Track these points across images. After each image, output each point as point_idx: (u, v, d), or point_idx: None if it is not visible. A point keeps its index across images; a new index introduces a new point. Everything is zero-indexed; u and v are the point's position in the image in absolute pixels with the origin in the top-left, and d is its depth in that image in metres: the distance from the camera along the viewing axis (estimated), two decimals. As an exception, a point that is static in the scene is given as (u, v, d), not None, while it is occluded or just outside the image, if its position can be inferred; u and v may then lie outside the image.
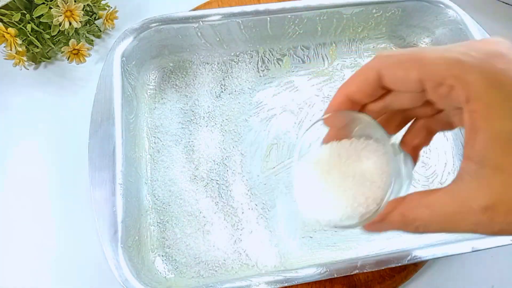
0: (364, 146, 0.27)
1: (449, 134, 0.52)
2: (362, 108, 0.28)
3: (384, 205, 0.24)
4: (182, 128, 0.51)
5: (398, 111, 0.29)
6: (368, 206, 0.25)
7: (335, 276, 0.38)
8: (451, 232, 0.23)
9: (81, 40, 0.54)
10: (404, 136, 0.30)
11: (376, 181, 0.25)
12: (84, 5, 0.51)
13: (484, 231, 0.21)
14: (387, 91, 0.26)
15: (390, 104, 0.27)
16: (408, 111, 0.28)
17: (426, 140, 0.29)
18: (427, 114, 0.28)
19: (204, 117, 0.51)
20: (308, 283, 0.44)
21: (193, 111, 0.52)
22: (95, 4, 0.56)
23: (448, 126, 0.28)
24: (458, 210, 0.22)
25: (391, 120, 0.30)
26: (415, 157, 0.30)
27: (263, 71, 0.54)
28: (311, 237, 0.45)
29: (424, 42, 0.56)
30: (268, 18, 0.50)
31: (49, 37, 0.52)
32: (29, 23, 0.50)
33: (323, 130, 0.29)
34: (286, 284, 0.38)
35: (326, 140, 0.29)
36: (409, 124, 0.30)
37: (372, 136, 0.27)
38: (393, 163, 0.25)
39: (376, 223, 0.25)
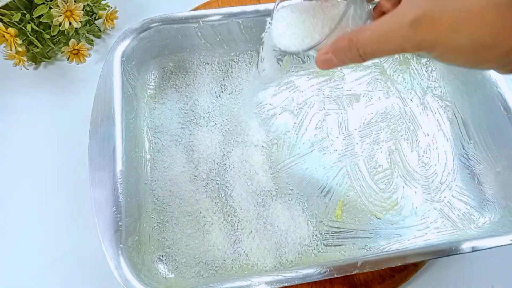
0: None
1: (449, 134, 0.52)
2: None
3: (328, 35, 0.29)
4: (182, 128, 0.51)
5: None
6: (319, 37, 0.30)
7: (335, 276, 0.38)
8: (385, 52, 0.26)
9: (81, 40, 0.54)
10: None
11: (334, 21, 0.30)
12: (84, 5, 0.51)
13: (409, 45, 0.24)
14: None
15: None
16: None
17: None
18: None
19: (204, 117, 0.51)
20: (308, 283, 0.44)
21: (193, 111, 0.52)
22: (95, 4, 0.56)
23: None
24: (391, 26, 0.25)
25: None
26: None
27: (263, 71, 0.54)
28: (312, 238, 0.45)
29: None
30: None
31: (49, 37, 0.52)
32: (29, 23, 0.50)
33: None
34: (286, 284, 0.38)
35: None
36: None
37: None
38: (351, 8, 0.29)
39: (328, 51, 0.28)
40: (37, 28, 0.51)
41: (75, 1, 0.49)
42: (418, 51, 0.25)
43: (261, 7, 0.49)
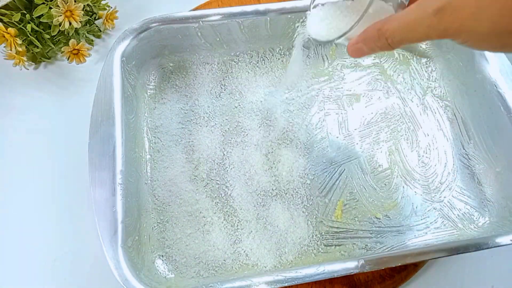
0: None
1: (449, 134, 0.52)
2: None
3: (357, 24, 0.29)
4: (182, 128, 0.51)
5: None
6: (347, 26, 0.31)
7: (335, 276, 0.38)
8: (412, 40, 0.27)
9: (81, 40, 0.54)
10: None
11: (357, 13, 0.31)
12: (84, 5, 0.51)
13: (434, 33, 0.26)
14: None
15: None
16: None
17: None
18: None
19: (204, 117, 0.51)
20: (308, 283, 0.44)
21: (193, 111, 0.52)
22: (95, 4, 0.56)
23: None
24: (417, 16, 0.26)
25: None
26: None
27: (263, 71, 0.54)
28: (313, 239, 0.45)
29: (424, 42, 0.56)
30: (268, 18, 0.50)
31: (49, 37, 0.52)
32: (29, 23, 0.50)
33: None
34: (286, 284, 0.38)
35: None
36: None
37: None
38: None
39: (358, 41, 0.29)
40: (37, 28, 0.51)
41: (75, 1, 0.49)
42: (443, 38, 0.26)
43: (261, 7, 0.49)
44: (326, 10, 0.35)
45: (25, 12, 0.50)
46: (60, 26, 0.49)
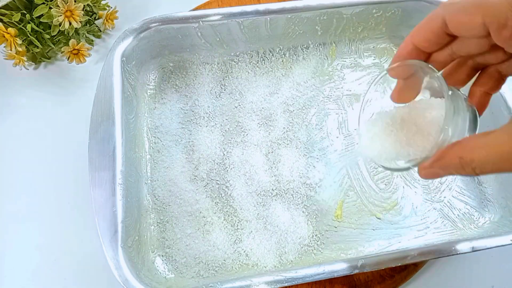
0: (427, 103, 0.29)
1: (449, 134, 0.51)
2: (428, 59, 0.29)
3: (434, 152, 0.26)
4: (182, 128, 0.51)
5: (466, 61, 0.30)
6: (420, 153, 0.27)
7: (335, 276, 0.38)
8: (507, 171, 0.24)
9: (81, 40, 0.54)
10: (473, 84, 0.30)
11: (431, 134, 0.28)
12: (84, 5, 0.51)
13: None
14: (452, 38, 0.27)
15: (456, 51, 0.28)
16: (478, 58, 0.29)
17: (496, 86, 0.30)
18: (498, 59, 0.28)
19: (204, 117, 0.51)
20: (308, 283, 0.44)
21: (193, 111, 0.52)
22: (95, 4, 0.56)
23: None
24: (511, 146, 0.23)
25: (460, 70, 0.30)
26: (484, 104, 0.30)
27: (263, 71, 0.54)
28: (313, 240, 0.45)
29: None
30: (268, 18, 0.50)
31: (49, 37, 0.52)
32: (29, 23, 0.50)
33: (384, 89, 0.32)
34: (286, 284, 0.38)
35: (394, 93, 0.31)
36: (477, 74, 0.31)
37: (434, 89, 0.29)
38: (450, 118, 0.26)
39: (433, 166, 0.26)
40: (37, 28, 0.51)
41: (75, 1, 0.49)
42: None
43: (261, 7, 0.49)
44: (380, 125, 0.31)
45: (25, 12, 0.50)
46: (60, 26, 0.49)
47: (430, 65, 0.28)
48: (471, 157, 0.24)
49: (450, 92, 0.27)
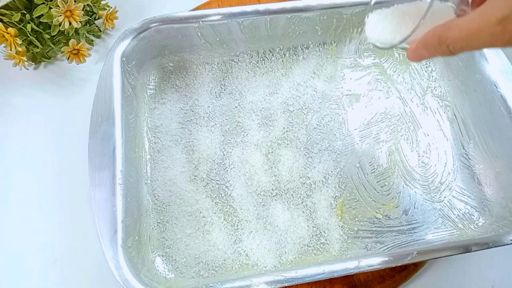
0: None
1: (449, 134, 0.52)
2: None
3: (416, 30, 0.30)
4: (182, 128, 0.51)
5: None
6: (409, 30, 0.31)
7: (335, 276, 0.38)
8: (474, 48, 0.27)
9: (81, 40, 0.54)
10: None
11: (414, 19, 0.31)
12: (84, 5, 0.51)
13: (498, 42, 0.25)
14: None
15: None
16: None
17: None
18: None
19: (204, 117, 0.51)
20: (308, 283, 0.44)
21: (193, 111, 0.52)
22: (95, 4, 0.56)
23: None
24: (480, 25, 0.25)
25: None
26: None
27: (263, 71, 0.54)
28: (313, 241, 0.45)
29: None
30: (268, 18, 0.50)
31: (49, 37, 0.52)
32: (29, 23, 0.50)
33: None
34: (286, 284, 0.38)
35: None
36: None
37: None
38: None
39: (418, 46, 0.30)
40: (37, 28, 0.51)
41: (75, 1, 0.49)
42: (507, 47, 0.26)
43: (261, 7, 0.49)
44: (385, 16, 0.35)
45: (25, 12, 0.50)
46: (60, 26, 0.49)
47: None
48: (446, 35, 0.27)
49: None
